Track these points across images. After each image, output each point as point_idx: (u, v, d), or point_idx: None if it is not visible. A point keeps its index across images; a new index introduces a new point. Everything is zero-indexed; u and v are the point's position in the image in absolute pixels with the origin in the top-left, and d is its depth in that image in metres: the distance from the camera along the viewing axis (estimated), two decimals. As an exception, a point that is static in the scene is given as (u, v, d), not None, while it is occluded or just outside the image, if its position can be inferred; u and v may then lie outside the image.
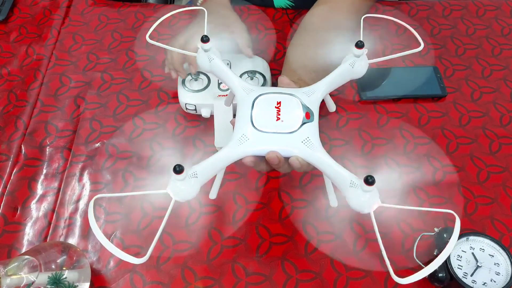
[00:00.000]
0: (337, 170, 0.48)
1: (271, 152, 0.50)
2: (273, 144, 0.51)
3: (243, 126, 0.52)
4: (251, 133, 0.51)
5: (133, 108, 0.78)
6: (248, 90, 0.55)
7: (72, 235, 0.66)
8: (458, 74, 0.82)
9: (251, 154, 0.51)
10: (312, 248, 0.64)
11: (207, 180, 0.48)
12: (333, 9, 0.75)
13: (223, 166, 0.51)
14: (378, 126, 0.76)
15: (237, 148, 0.50)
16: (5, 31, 0.89)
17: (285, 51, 0.84)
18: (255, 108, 0.52)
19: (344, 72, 0.56)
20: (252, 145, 0.51)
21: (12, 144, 0.74)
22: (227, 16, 0.79)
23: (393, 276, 0.39)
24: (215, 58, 0.56)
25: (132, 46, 0.86)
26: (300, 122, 0.51)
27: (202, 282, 0.62)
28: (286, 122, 0.51)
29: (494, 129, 0.75)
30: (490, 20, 0.89)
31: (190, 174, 0.46)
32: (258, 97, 0.53)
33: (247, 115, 0.52)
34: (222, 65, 0.57)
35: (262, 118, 0.52)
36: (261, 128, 0.51)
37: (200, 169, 0.47)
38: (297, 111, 0.52)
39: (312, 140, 0.51)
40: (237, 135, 0.51)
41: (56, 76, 0.83)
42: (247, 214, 0.67)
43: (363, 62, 0.55)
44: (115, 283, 0.62)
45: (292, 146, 0.50)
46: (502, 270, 0.58)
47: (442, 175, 0.70)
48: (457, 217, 0.42)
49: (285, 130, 0.51)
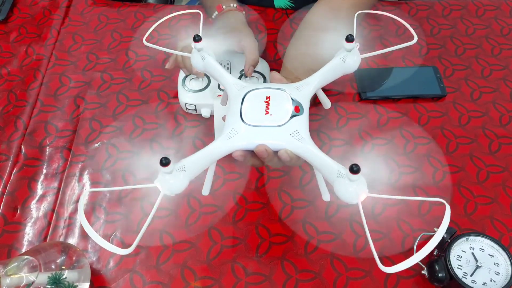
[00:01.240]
0: (325, 161, 0.48)
1: (260, 145, 0.50)
2: (262, 138, 0.51)
3: (232, 121, 0.52)
4: (240, 127, 0.51)
5: (133, 108, 0.78)
6: (240, 87, 0.55)
7: (72, 235, 0.66)
8: (458, 74, 0.82)
9: (240, 148, 0.51)
10: (312, 248, 0.64)
11: (196, 174, 0.48)
12: (333, 9, 0.75)
13: (212, 160, 0.51)
14: (378, 126, 0.76)
15: (226, 142, 0.51)
16: (5, 31, 0.89)
17: (285, 51, 0.84)
18: (244, 103, 0.53)
19: (335, 66, 0.56)
20: (241, 139, 0.51)
21: (12, 144, 0.74)
22: (239, 29, 0.78)
23: (379, 264, 0.39)
24: (207, 57, 0.57)
25: (132, 46, 0.86)
26: (289, 115, 0.51)
27: (202, 282, 0.62)
28: (275, 115, 0.51)
29: (494, 129, 0.75)
30: (490, 20, 0.89)
31: (178, 167, 0.46)
32: (248, 92, 0.54)
33: (236, 110, 0.52)
34: (215, 63, 0.57)
35: (251, 113, 0.52)
36: (250, 122, 0.51)
37: (188, 163, 0.47)
38: (286, 105, 0.52)
39: (301, 133, 0.50)
40: (227, 129, 0.51)
41: (56, 76, 0.83)
42: (247, 214, 0.67)
43: (355, 56, 0.55)
44: (115, 283, 0.62)
45: (280, 139, 0.50)
46: (502, 270, 0.58)
47: (442, 175, 0.70)
48: (447, 205, 0.42)
49: (273, 123, 0.51)
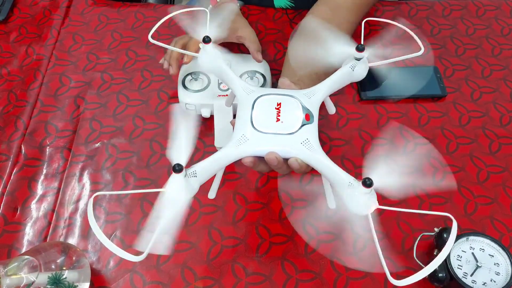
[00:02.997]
0: (336, 172, 0.48)
1: (270, 153, 0.50)
2: (272, 145, 0.51)
3: (243, 127, 0.52)
4: (251, 133, 0.51)
5: (133, 108, 0.78)
6: (248, 91, 0.55)
7: (72, 235, 0.66)
8: (458, 74, 0.82)
9: (250, 155, 0.51)
10: (312, 248, 0.64)
11: (206, 179, 0.48)
12: (333, 9, 0.75)
13: (222, 165, 0.51)
14: (378, 126, 0.76)
15: (236, 148, 0.50)
16: (5, 31, 0.89)
17: (285, 51, 0.84)
18: (255, 109, 0.52)
19: (344, 74, 0.56)
20: (252, 146, 0.51)
21: (12, 144, 0.74)
22: (235, 21, 0.79)
23: (390, 278, 0.39)
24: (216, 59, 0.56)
25: (132, 46, 0.86)
26: (300, 124, 0.51)
27: (202, 282, 0.62)
28: (286, 123, 0.51)
29: (494, 129, 0.75)
30: (490, 20, 0.89)
31: (189, 173, 0.46)
32: (259, 98, 0.53)
33: (247, 115, 0.52)
34: (223, 65, 0.57)
35: (262, 119, 0.52)
36: (261, 129, 0.51)
37: (200, 169, 0.47)
38: (297, 113, 0.52)
39: (311, 142, 0.51)
40: (237, 135, 0.51)
41: (56, 76, 0.83)
42: (247, 214, 0.67)
43: (364, 65, 0.55)
44: (115, 283, 0.62)
45: (291, 147, 0.51)
46: (502, 270, 0.58)
47: (442, 175, 0.70)
48: (454, 221, 0.42)
49: (284, 131, 0.51)
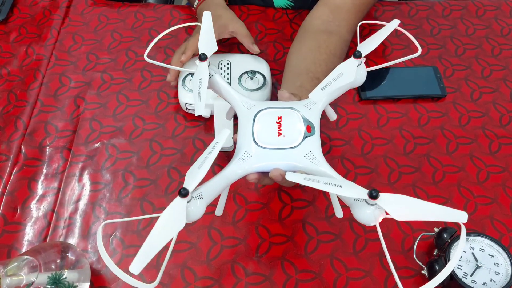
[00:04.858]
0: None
1: (275, 169, 0.51)
2: (276, 160, 0.51)
3: (245, 143, 0.52)
4: (254, 150, 0.51)
5: (133, 108, 0.78)
6: (249, 106, 0.55)
7: (72, 235, 0.66)
8: (458, 74, 0.82)
9: (254, 171, 0.51)
10: (312, 248, 0.64)
11: (212, 199, 0.49)
12: (333, 10, 0.75)
13: (227, 184, 0.51)
14: (378, 126, 0.76)
15: (240, 165, 0.51)
16: (5, 31, 0.89)
17: (285, 51, 0.84)
18: (256, 124, 0.53)
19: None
20: (255, 162, 0.51)
21: (12, 144, 0.74)
22: (223, 16, 0.79)
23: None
24: (214, 75, 0.56)
25: (132, 46, 0.86)
26: (302, 137, 0.51)
27: (202, 282, 0.62)
28: (288, 137, 0.51)
29: (494, 129, 0.75)
30: (490, 20, 0.89)
31: (195, 195, 0.46)
32: (259, 112, 0.53)
33: (248, 131, 0.52)
34: (221, 81, 0.56)
35: (263, 134, 0.52)
36: (263, 145, 0.51)
37: (205, 190, 0.47)
38: (298, 125, 0.52)
39: (314, 154, 0.51)
40: (240, 152, 0.51)
41: (56, 76, 0.83)
42: (247, 214, 0.67)
43: (362, 70, 0.55)
44: (115, 283, 0.62)
45: (295, 161, 0.51)
46: (502, 270, 0.58)
47: (442, 175, 0.70)
48: (463, 227, 0.42)
49: (287, 145, 0.51)
